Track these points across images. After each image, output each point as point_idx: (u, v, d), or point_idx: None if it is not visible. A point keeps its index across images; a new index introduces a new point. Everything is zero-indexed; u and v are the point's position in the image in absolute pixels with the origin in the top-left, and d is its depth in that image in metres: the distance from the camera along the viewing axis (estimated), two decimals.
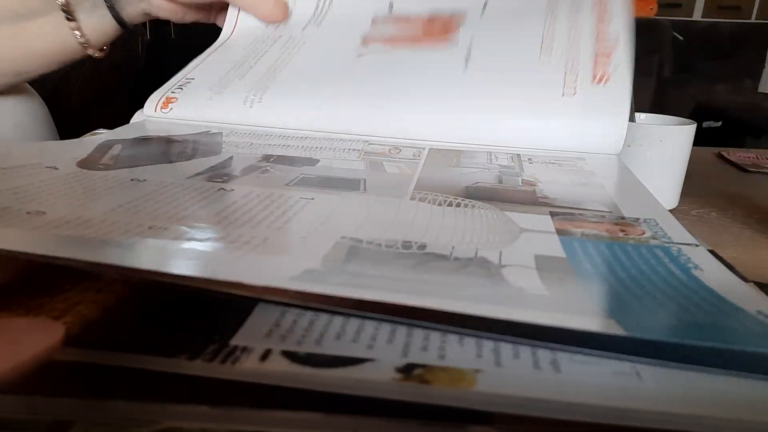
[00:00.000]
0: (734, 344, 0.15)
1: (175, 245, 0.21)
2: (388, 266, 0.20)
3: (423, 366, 0.16)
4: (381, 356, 0.16)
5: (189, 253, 0.20)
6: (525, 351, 0.17)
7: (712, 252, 0.24)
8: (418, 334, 0.17)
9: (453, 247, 0.22)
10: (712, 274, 0.21)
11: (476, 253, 0.22)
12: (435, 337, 0.17)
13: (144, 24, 0.51)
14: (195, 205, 0.26)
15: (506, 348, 0.17)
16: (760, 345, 0.15)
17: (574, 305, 0.18)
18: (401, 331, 0.17)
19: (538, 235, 0.25)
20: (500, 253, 0.22)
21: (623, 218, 0.28)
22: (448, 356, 0.16)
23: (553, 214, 0.28)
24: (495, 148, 0.41)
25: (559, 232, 0.25)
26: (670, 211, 0.42)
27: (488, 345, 0.17)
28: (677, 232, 0.26)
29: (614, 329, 0.16)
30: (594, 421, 0.14)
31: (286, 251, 0.21)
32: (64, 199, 0.26)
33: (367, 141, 0.41)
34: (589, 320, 0.17)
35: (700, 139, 0.52)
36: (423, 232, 0.24)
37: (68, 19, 0.40)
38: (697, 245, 0.25)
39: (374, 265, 0.20)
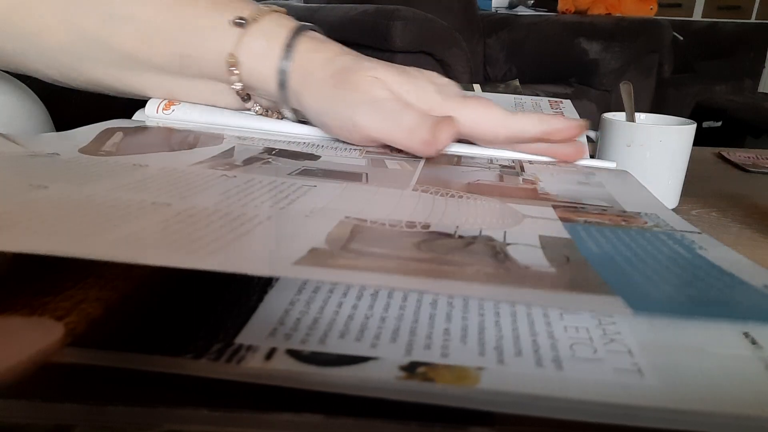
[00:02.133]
0: (741, 318, 0.16)
1: (178, 223, 0.21)
2: (392, 243, 0.20)
3: (426, 364, 0.16)
4: (385, 354, 0.16)
5: (192, 234, 0.20)
6: (527, 349, 0.17)
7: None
8: (422, 332, 0.17)
9: (457, 227, 0.23)
10: (718, 253, 0.21)
11: (481, 232, 0.22)
12: (438, 335, 0.17)
13: None
14: (197, 187, 0.26)
15: (509, 346, 0.17)
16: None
17: (580, 283, 0.18)
18: (404, 329, 0.18)
19: (542, 220, 0.25)
20: (504, 233, 0.23)
21: (624, 212, 0.28)
22: (452, 354, 0.16)
23: (555, 207, 0.28)
24: (495, 155, 0.41)
25: (563, 219, 0.26)
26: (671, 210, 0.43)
27: (491, 343, 0.17)
28: (679, 224, 0.26)
29: (620, 308, 0.16)
30: (595, 420, 0.14)
31: (290, 229, 0.21)
32: (67, 178, 0.26)
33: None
34: (595, 298, 0.17)
35: (700, 139, 0.52)
36: (427, 215, 0.24)
37: (243, 99, 0.41)
38: (699, 233, 0.25)
39: (378, 242, 0.20)
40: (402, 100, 0.34)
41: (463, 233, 0.22)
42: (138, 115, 0.44)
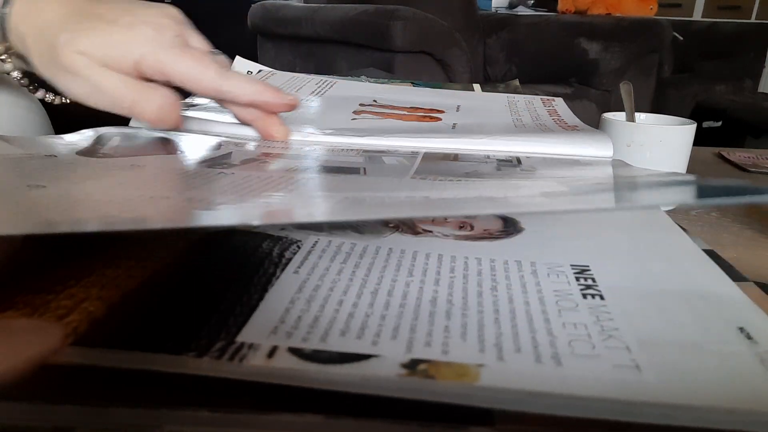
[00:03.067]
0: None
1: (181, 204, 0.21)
2: (394, 205, 0.21)
3: (427, 361, 0.16)
4: (386, 352, 0.16)
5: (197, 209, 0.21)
6: (527, 345, 0.17)
7: (710, 252, 0.24)
8: (422, 329, 0.18)
9: (457, 195, 0.23)
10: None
11: (481, 195, 0.23)
12: (438, 332, 0.17)
13: None
14: (195, 183, 0.27)
15: (508, 343, 0.17)
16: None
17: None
18: (405, 326, 0.18)
19: (543, 187, 0.26)
20: (506, 194, 0.23)
21: None
22: (452, 351, 0.16)
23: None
24: (492, 152, 0.41)
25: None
26: (670, 211, 0.43)
27: (490, 340, 0.17)
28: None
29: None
30: (594, 416, 0.14)
31: (290, 205, 0.22)
32: (65, 178, 0.26)
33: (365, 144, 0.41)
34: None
35: (700, 139, 0.52)
36: (426, 192, 0.25)
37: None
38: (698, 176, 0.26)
39: (380, 205, 0.21)
40: (111, 69, 0.33)
41: (462, 196, 0.23)
42: (135, 122, 0.44)
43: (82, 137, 0.36)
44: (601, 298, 0.20)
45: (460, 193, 0.24)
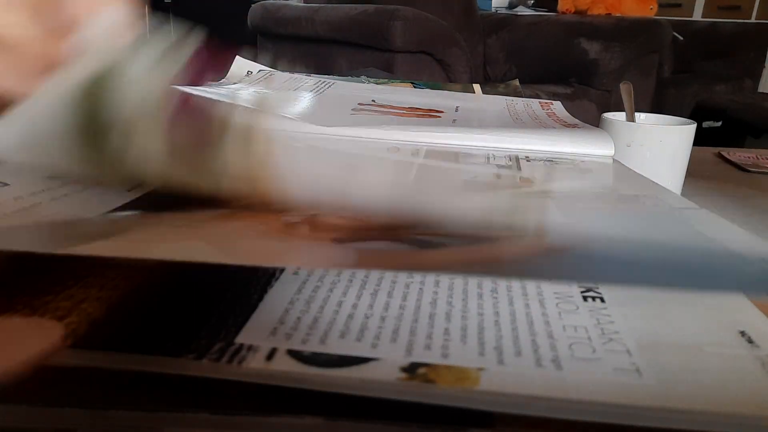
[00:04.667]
0: (732, 288, 0.16)
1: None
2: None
3: (427, 365, 0.16)
4: (385, 355, 0.16)
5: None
6: (527, 349, 0.17)
7: None
8: (421, 332, 0.17)
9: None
10: (715, 227, 0.22)
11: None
12: (438, 335, 0.17)
13: (143, 23, 0.50)
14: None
15: (508, 346, 0.17)
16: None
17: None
18: (404, 329, 0.18)
19: (536, 206, 0.26)
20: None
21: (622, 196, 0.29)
22: (452, 355, 0.16)
23: (551, 199, 0.28)
24: (492, 149, 0.41)
25: (557, 206, 0.26)
26: None
27: (490, 343, 0.17)
28: (678, 201, 0.27)
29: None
30: (594, 420, 0.14)
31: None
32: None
33: (365, 141, 0.41)
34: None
35: (700, 139, 0.52)
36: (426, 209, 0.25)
37: None
38: (698, 208, 0.25)
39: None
40: None
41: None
42: None
43: None
44: (602, 300, 0.20)
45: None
